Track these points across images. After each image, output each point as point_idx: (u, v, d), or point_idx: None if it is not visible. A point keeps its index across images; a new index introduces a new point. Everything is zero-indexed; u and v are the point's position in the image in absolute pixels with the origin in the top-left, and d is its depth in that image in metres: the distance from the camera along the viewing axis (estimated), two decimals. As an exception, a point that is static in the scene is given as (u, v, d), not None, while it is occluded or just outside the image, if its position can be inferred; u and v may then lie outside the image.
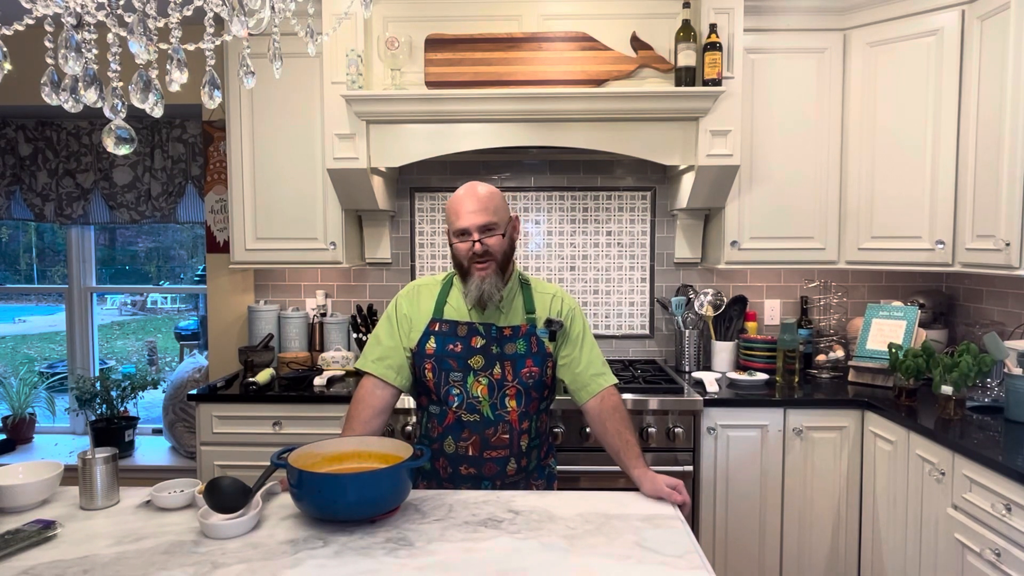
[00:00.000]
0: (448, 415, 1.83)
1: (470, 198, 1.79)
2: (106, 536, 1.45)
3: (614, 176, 3.39)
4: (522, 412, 1.83)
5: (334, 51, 2.78)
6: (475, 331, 1.85)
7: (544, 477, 1.95)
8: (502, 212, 1.82)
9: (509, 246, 1.84)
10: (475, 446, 1.82)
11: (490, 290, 1.79)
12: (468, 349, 1.83)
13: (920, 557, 2.34)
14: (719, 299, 3.22)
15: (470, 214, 1.77)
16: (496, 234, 1.79)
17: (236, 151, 3.04)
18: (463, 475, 1.84)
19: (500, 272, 1.82)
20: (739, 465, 2.74)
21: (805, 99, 2.97)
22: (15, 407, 3.85)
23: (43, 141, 3.67)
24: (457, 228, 1.80)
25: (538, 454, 1.92)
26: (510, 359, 1.83)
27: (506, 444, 1.82)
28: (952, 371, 2.40)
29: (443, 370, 1.83)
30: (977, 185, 2.59)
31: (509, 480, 1.85)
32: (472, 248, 1.78)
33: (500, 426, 1.81)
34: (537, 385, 1.85)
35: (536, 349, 1.85)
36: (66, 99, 1.22)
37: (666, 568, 1.31)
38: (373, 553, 1.36)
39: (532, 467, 1.90)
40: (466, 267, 1.81)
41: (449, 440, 1.83)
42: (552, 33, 2.78)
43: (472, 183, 1.84)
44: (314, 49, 1.42)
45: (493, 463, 1.83)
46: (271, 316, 3.31)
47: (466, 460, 1.83)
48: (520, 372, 1.83)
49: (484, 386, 1.82)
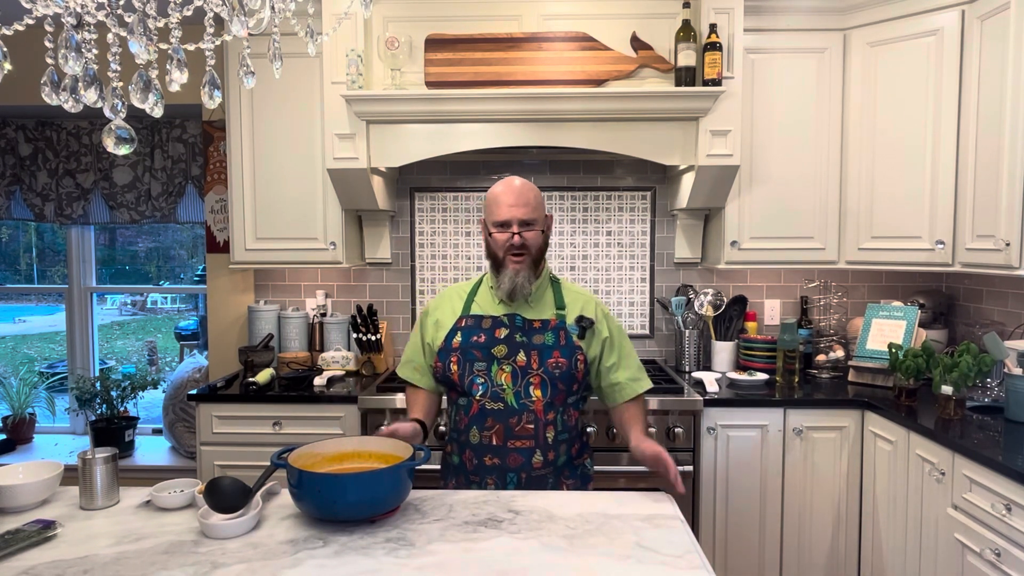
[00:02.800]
0: (473, 405, 1.84)
1: (512, 192, 1.85)
2: (106, 536, 1.45)
3: (614, 176, 3.39)
4: (547, 402, 1.83)
5: (334, 51, 2.78)
6: (499, 323, 1.88)
7: (577, 476, 1.92)
8: (540, 209, 1.88)
9: (544, 243, 1.91)
10: (499, 435, 1.81)
11: (522, 283, 1.85)
12: (492, 339, 1.86)
13: (920, 557, 2.34)
14: (719, 299, 3.22)
15: (512, 207, 1.83)
16: (535, 229, 1.86)
17: (236, 151, 3.05)
18: (488, 466, 1.83)
19: (533, 267, 1.87)
20: (739, 465, 2.74)
21: (805, 99, 2.97)
22: (15, 407, 3.85)
23: (43, 141, 3.67)
24: (498, 220, 1.85)
25: (568, 449, 1.89)
26: (536, 348, 1.85)
27: (530, 434, 1.81)
28: (952, 371, 2.40)
29: (467, 361, 1.85)
30: (977, 185, 2.59)
31: (536, 474, 1.83)
32: (511, 240, 1.83)
33: (524, 415, 1.81)
34: (564, 377, 1.84)
35: (564, 342, 1.86)
36: (66, 99, 1.22)
37: (666, 568, 1.31)
38: (373, 553, 1.36)
39: (561, 463, 1.87)
40: (501, 258, 1.86)
41: (474, 430, 1.84)
42: (552, 33, 2.78)
43: (512, 177, 1.90)
44: (314, 49, 1.43)
45: (517, 453, 1.81)
46: (271, 316, 3.31)
47: (490, 450, 1.82)
48: (546, 362, 1.84)
49: (508, 374, 1.83)
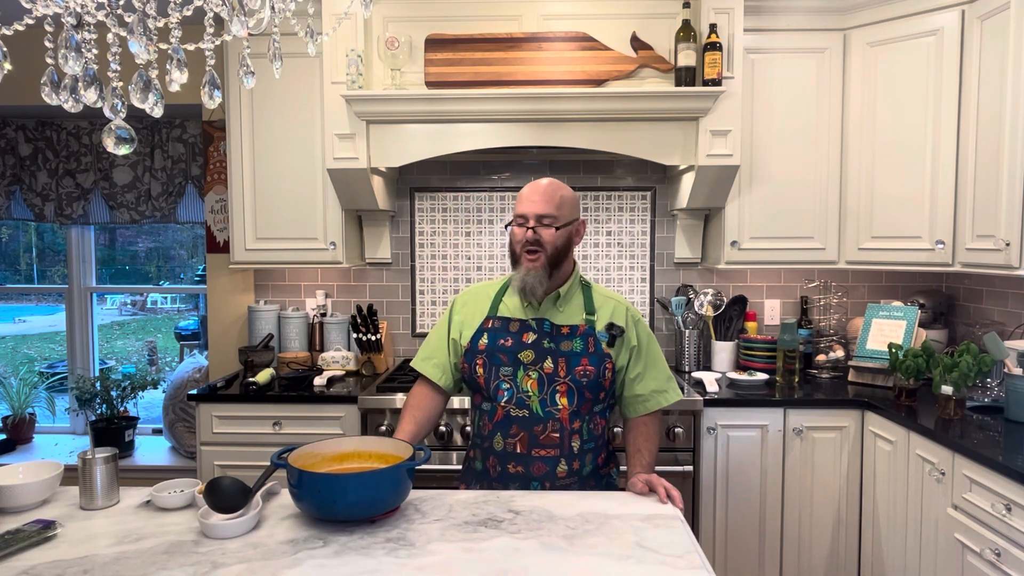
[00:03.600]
0: (498, 411, 1.80)
1: (536, 189, 1.84)
2: (106, 536, 1.45)
3: (614, 176, 3.39)
4: (573, 411, 1.78)
5: (334, 51, 2.78)
6: (527, 327, 1.84)
7: (603, 486, 1.86)
8: (566, 208, 1.83)
9: (564, 243, 1.82)
10: (523, 443, 1.77)
11: (533, 283, 1.78)
12: (519, 344, 1.82)
13: (920, 557, 2.34)
14: (719, 299, 3.22)
15: (531, 202, 1.81)
16: (553, 227, 1.79)
17: (236, 151, 3.05)
18: (511, 474, 1.79)
19: (548, 267, 1.80)
20: (739, 465, 2.74)
21: (805, 99, 2.97)
22: (15, 407, 3.85)
23: (43, 141, 3.67)
24: (517, 212, 1.84)
25: (594, 459, 1.84)
26: (564, 355, 1.80)
27: (556, 443, 1.77)
28: (952, 371, 2.40)
29: (493, 365, 1.81)
30: (977, 185, 2.59)
31: (560, 483, 1.78)
32: (525, 234, 1.79)
33: (550, 424, 1.77)
34: (592, 385, 1.79)
35: (593, 349, 1.81)
36: (66, 99, 1.22)
37: (666, 568, 1.31)
38: (373, 553, 1.36)
39: (587, 472, 1.82)
40: (517, 253, 1.83)
41: (498, 437, 1.80)
42: (552, 33, 2.78)
43: (543, 178, 1.88)
44: (314, 49, 1.43)
45: (542, 462, 1.77)
46: (271, 316, 3.31)
47: (514, 458, 1.78)
48: (574, 369, 1.78)
49: (534, 380, 1.79)
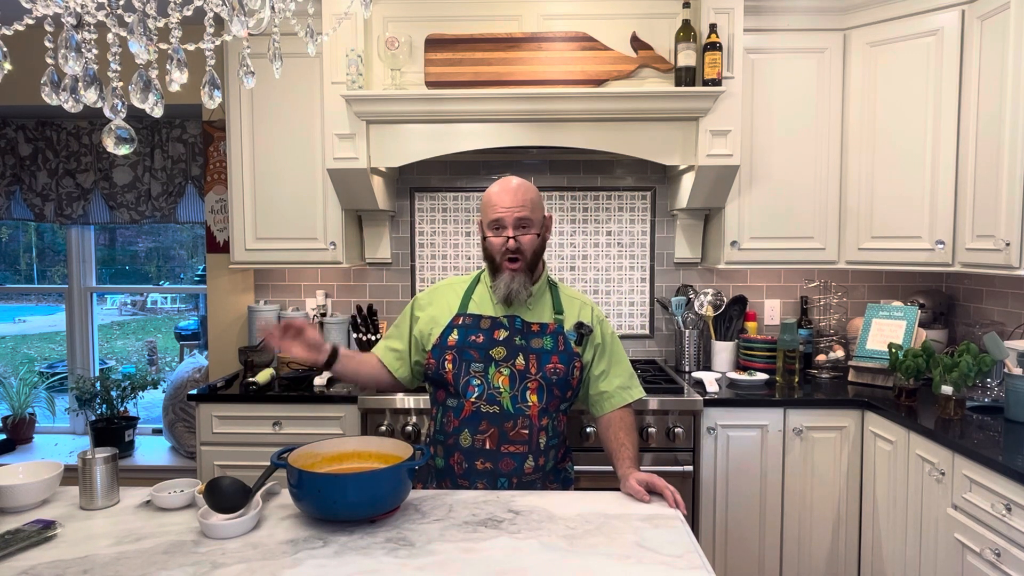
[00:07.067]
0: (466, 407, 1.80)
1: (507, 192, 1.81)
2: (106, 536, 1.45)
3: (614, 176, 3.39)
4: (542, 408, 1.81)
5: (334, 51, 2.78)
6: (499, 324, 1.85)
7: (560, 481, 1.90)
8: (538, 210, 1.84)
9: (540, 245, 1.86)
10: (493, 439, 1.79)
11: (518, 289, 1.81)
12: (490, 340, 1.83)
13: (920, 557, 2.34)
14: (719, 299, 3.22)
15: (506, 207, 1.79)
16: (531, 232, 1.82)
17: (236, 151, 3.04)
18: (479, 470, 1.80)
19: (529, 271, 1.83)
20: (739, 465, 2.74)
21: (805, 99, 2.97)
22: (15, 407, 3.85)
23: (43, 141, 3.67)
24: (492, 219, 1.81)
25: (555, 455, 1.88)
26: (535, 353, 1.82)
27: (525, 439, 1.79)
28: (952, 371, 2.40)
29: (464, 361, 1.82)
30: (977, 185, 2.59)
31: (526, 479, 1.81)
32: (506, 244, 1.79)
33: (520, 420, 1.79)
34: (560, 383, 1.82)
35: (563, 348, 1.84)
36: (66, 99, 1.22)
37: (666, 568, 1.31)
38: (373, 553, 1.36)
39: (549, 468, 1.86)
40: (498, 262, 1.82)
41: (465, 433, 1.80)
42: (552, 33, 2.78)
43: (509, 177, 1.86)
44: (314, 49, 1.43)
45: (511, 458, 1.79)
46: (271, 316, 3.31)
47: (483, 454, 1.79)
48: (544, 367, 1.81)
49: (505, 377, 1.80)
